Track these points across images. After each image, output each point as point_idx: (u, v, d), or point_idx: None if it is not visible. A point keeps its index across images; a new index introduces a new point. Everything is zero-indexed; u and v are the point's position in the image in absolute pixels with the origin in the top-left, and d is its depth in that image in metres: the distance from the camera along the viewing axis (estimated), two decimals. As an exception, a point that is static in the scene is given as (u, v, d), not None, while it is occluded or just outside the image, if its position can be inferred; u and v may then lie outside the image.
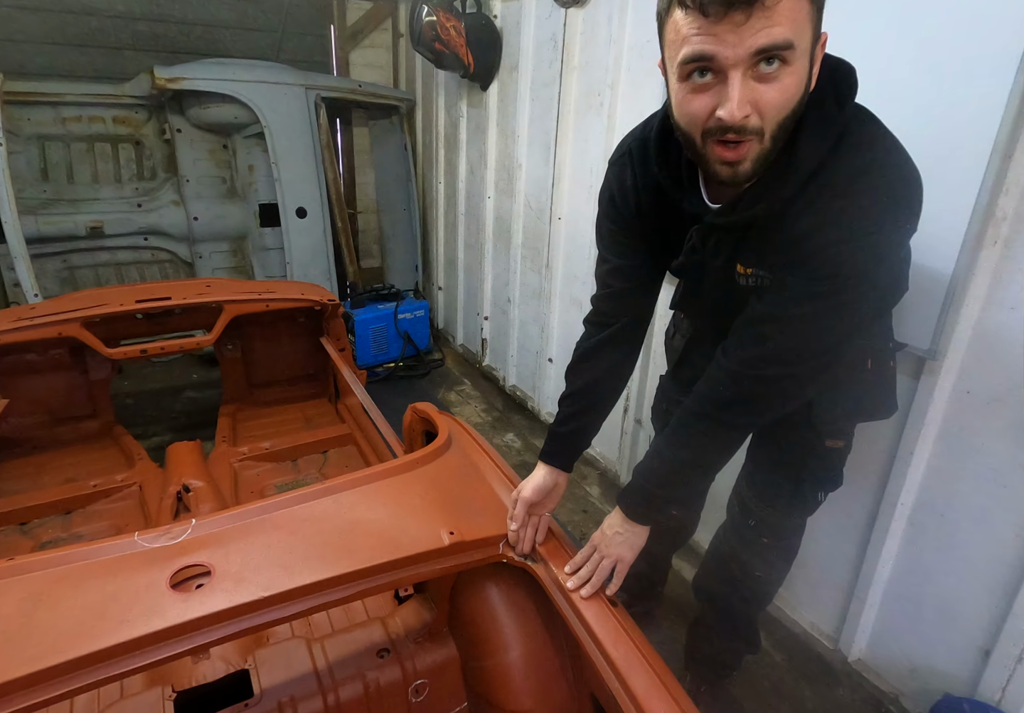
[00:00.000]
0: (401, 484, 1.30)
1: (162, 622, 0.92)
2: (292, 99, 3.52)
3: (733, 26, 0.71)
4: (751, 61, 0.74)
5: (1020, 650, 1.28)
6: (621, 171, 1.10)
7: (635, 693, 0.95)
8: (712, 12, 0.72)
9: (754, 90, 0.76)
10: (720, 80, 0.76)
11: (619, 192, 1.10)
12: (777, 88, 0.76)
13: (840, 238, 0.85)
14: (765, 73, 0.74)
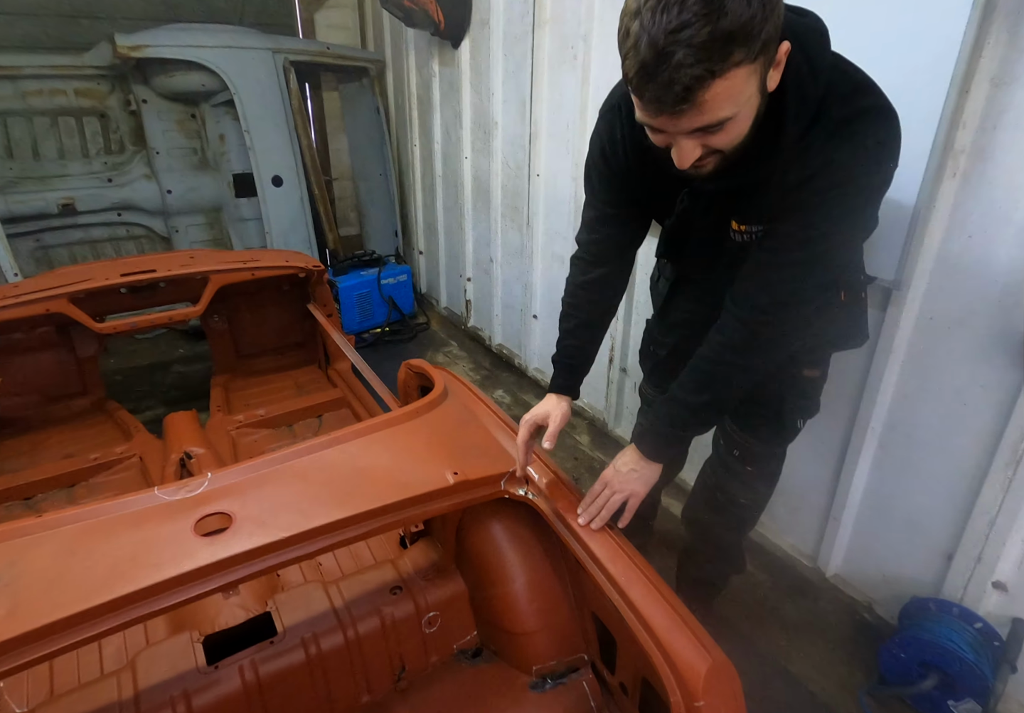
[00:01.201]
0: (403, 433, 1.37)
1: (192, 564, 0.98)
2: (260, 64, 3.44)
3: (670, 117, 0.79)
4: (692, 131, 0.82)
5: (979, 551, 1.41)
6: (611, 124, 1.11)
7: (634, 602, 1.04)
8: (647, 108, 0.80)
9: (702, 139, 0.84)
10: (670, 134, 0.85)
11: (609, 144, 1.12)
12: (724, 135, 0.83)
13: (831, 184, 0.90)
14: (710, 131, 0.82)
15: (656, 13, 0.71)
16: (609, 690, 1.31)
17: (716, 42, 0.70)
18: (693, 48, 0.70)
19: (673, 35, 0.70)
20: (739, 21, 0.70)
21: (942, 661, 1.36)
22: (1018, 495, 1.32)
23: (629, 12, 0.75)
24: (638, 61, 0.74)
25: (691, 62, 0.71)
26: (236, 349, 3.03)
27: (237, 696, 1.20)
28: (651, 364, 1.62)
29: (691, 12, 0.69)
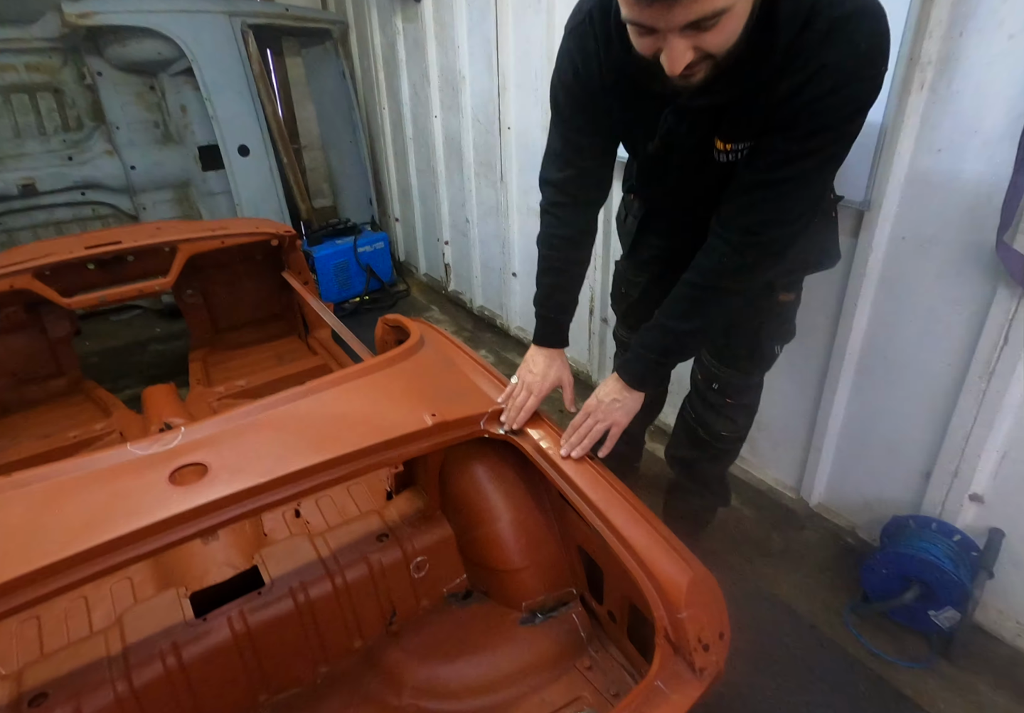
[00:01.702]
0: (380, 380, 1.36)
1: (168, 512, 0.97)
2: (216, 28, 3.31)
3: (662, 7, 0.72)
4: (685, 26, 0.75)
5: (955, 466, 1.43)
6: (582, 39, 1.02)
7: (615, 525, 1.05)
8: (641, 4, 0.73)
9: (694, 39, 0.77)
10: (655, 35, 0.78)
11: (582, 63, 1.03)
12: (717, 33, 0.77)
13: (824, 91, 0.86)
14: (703, 26, 0.75)
15: None
16: (598, 620, 1.33)
17: None
18: None
19: None
20: None
21: (922, 573, 1.39)
22: (992, 406, 1.34)
23: None
24: None
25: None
26: (213, 323, 2.99)
27: (227, 646, 1.20)
28: (624, 306, 1.59)
29: None
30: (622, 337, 1.67)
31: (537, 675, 1.26)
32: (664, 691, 0.91)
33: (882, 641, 1.48)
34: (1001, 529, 1.42)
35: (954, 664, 1.42)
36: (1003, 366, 1.32)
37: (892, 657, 1.45)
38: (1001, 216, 1.21)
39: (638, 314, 1.51)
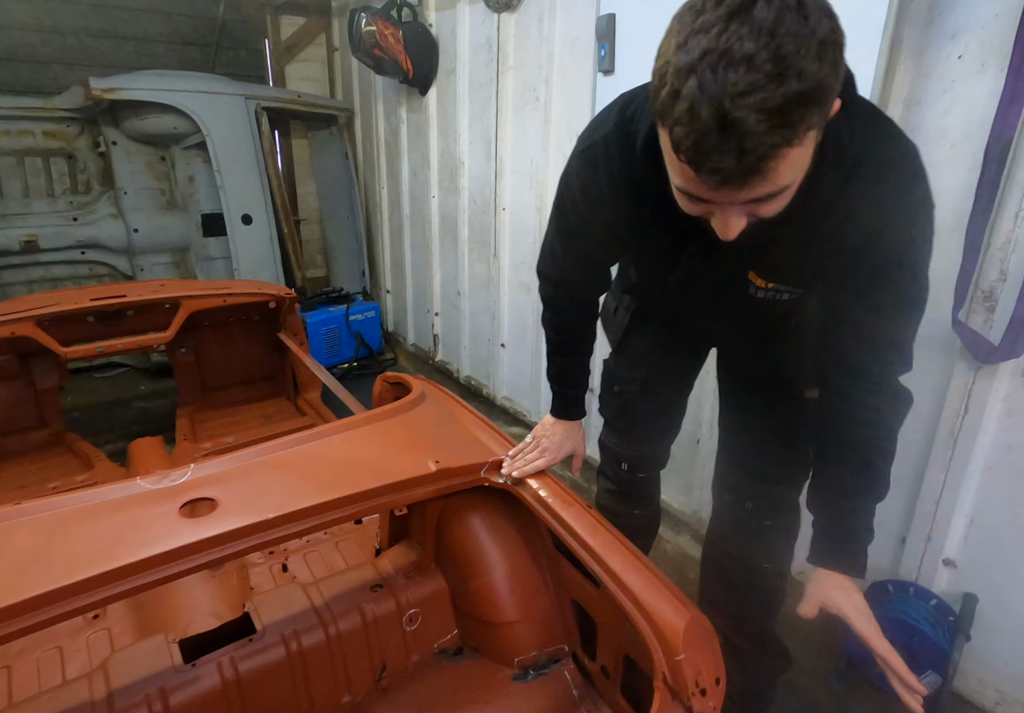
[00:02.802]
0: (384, 428, 1.41)
1: (179, 541, 0.99)
2: (233, 108, 3.58)
3: (728, 192, 0.69)
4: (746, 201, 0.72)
5: (928, 531, 1.50)
6: (592, 165, 0.99)
7: (613, 569, 1.08)
8: (704, 181, 0.68)
9: (751, 208, 0.74)
10: (709, 204, 0.75)
11: (593, 188, 1.01)
12: (776, 203, 0.74)
13: (902, 245, 0.86)
14: (763, 200, 0.72)
15: (718, 72, 0.60)
16: (590, 678, 1.33)
17: (791, 105, 0.60)
18: (766, 113, 0.60)
19: (741, 98, 0.59)
20: (813, 80, 0.60)
21: (903, 636, 1.42)
22: (957, 472, 1.44)
23: (678, 69, 0.62)
24: (696, 129, 0.62)
25: (764, 129, 0.61)
26: (203, 381, 3.02)
27: (216, 694, 1.17)
28: (617, 407, 1.46)
29: (761, 72, 0.59)
30: (611, 445, 1.52)
31: (529, 734, 1.24)
32: (664, 735, 0.92)
33: (869, 707, 1.49)
34: (975, 594, 1.48)
35: (940, 732, 1.43)
36: (965, 434, 1.43)
37: (879, 724, 1.45)
38: (955, 296, 1.36)
39: (632, 416, 1.44)
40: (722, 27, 0.60)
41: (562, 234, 1.15)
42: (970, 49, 1.36)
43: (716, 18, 0.61)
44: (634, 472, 1.50)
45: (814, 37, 0.60)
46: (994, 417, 1.39)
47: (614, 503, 1.55)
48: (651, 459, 1.50)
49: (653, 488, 1.58)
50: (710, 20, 0.61)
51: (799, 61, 0.59)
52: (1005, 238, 1.34)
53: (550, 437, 1.34)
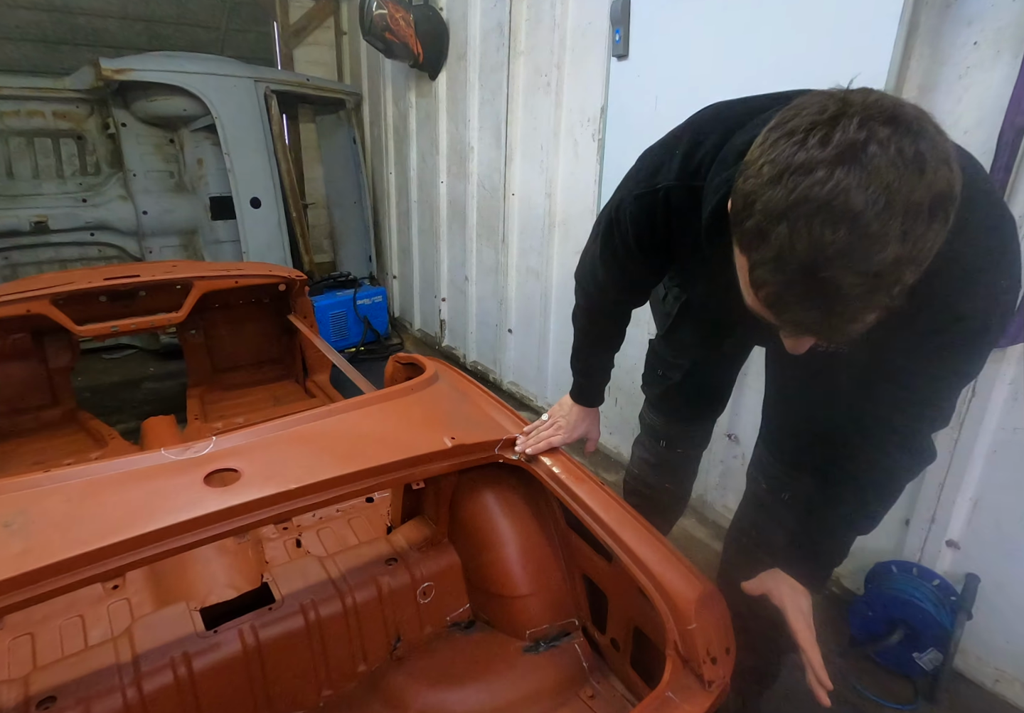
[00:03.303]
0: (400, 406, 1.43)
1: (205, 509, 1.01)
2: (242, 91, 3.57)
3: (801, 342, 0.66)
4: None
5: (932, 513, 1.53)
6: (649, 214, 0.95)
7: (627, 542, 1.11)
8: (783, 326, 0.64)
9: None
10: None
11: (647, 234, 0.98)
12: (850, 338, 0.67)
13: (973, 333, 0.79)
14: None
15: (814, 227, 0.53)
16: (600, 651, 1.36)
17: (890, 268, 0.54)
18: (862, 277, 0.54)
19: (837, 259, 0.53)
20: (917, 243, 0.54)
21: (906, 614, 1.46)
22: (963, 454, 1.46)
23: (768, 209, 0.55)
24: (781, 280, 0.57)
25: (858, 293, 0.55)
26: (212, 363, 3.04)
27: (237, 659, 1.20)
28: (660, 390, 1.44)
29: (863, 234, 0.52)
30: (651, 423, 1.51)
31: (541, 703, 1.28)
32: (675, 701, 0.95)
33: (870, 684, 1.52)
34: (977, 574, 1.51)
35: (938, 706, 1.46)
36: (971, 418, 1.45)
37: (880, 698, 1.48)
38: (964, 281, 1.38)
39: (677, 399, 1.43)
40: (826, 174, 0.52)
41: (607, 261, 1.11)
42: (986, 35, 1.36)
43: (822, 160, 0.53)
44: (673, 448, 1.51)
45: (928, 195, 0.52)
46: (1000, 401, 1.41)
47: (649, 474, 1.55)
48: (691, 437, 1.50)
49: (689, 466, 1.56)
50: (814, 160, 0.53)
51: (907, 222, 0.52)
52: (1017, 224, 1.35)
53: (566, 416, 1.36)
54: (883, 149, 0.52)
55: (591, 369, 1.35)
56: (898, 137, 0.52)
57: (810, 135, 0.54)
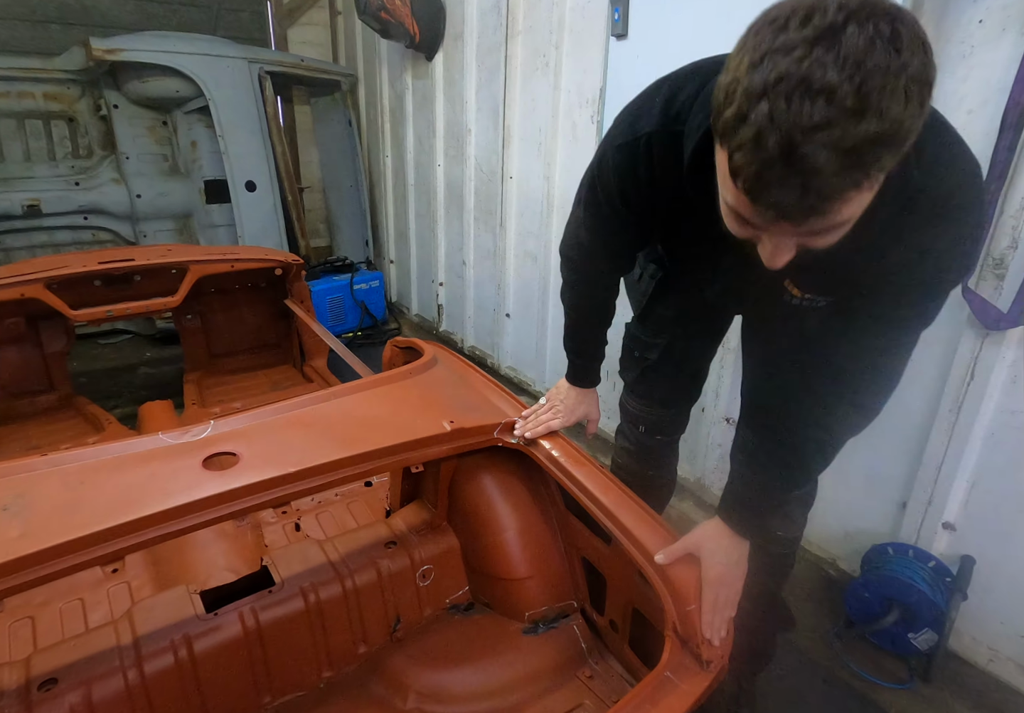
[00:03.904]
0: (398, 390, 1.43)
1: (204, 493, 1.01)
2: (236, 72, 3.51)
3: (786, 225, 0.65)
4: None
5: (929, 495, 1.54)
6: (631, 163, 0.94)
7: (626, 525, 1.11)
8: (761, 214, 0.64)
9: (804, 239, 0.69)
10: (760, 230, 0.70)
11: (631, 187, 0.96)
12: (830, 237, 0.68)
13: (937, 269, 0.82)
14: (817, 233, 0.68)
15: (793, 101, 0.55)
16: (599, 632, 1.37)
17: (867, 145, 0.55)
18: (839, 152, 0.55)
19: (814, 133, 0.55)
20: (895, 122, 0.55)
21: (902, 595, 1.47)
22: (961, 438, 1.46)
23: (748, 91, 0.57)
24: (760, 159, 0.58)
25: (834, 169, 0.56)
26: (209, 348, 3.03)
27: (238, 641, 1.21)
28: (637, 372, 1.44)
29: (839, 107, 0.54)
30: (630, 409, 1.52)
31: (539, 683, 1.29)
32: (673, 681, 0.96)
33: (866, 664, 1.54)
34: (972, 556, 1.52)
35: (933, 686, 1.48)
36: (970, 401, 1.45)
37: (876, 678, 1.50)
38: (965, 264, 1.37)
39: (653, 383, 1.44)
40: (805, 51, 0.55)
41: (591, 223, 1.11)
42: (992, 13, 1.34)
43: (800, 39, 0.55)
44: (652, 435, 1.51)
45: (903, 73, 0.54)
46: (999, 384, 1.41)
47: (631, 463, 1.56)
48: (669, 423, 1.50)
49: (670, 452, 1.58)
50: (793, 41, 0.55)
51: (883, 99, 0.54)
52: (1019, 205, 1.35)
53: (564, 400, 1.36)
54: (861, 29, 0.54)
55: (584, 347, 1.34)
56: (876, 19, 0.55)
57: (790, 20, 0.57)
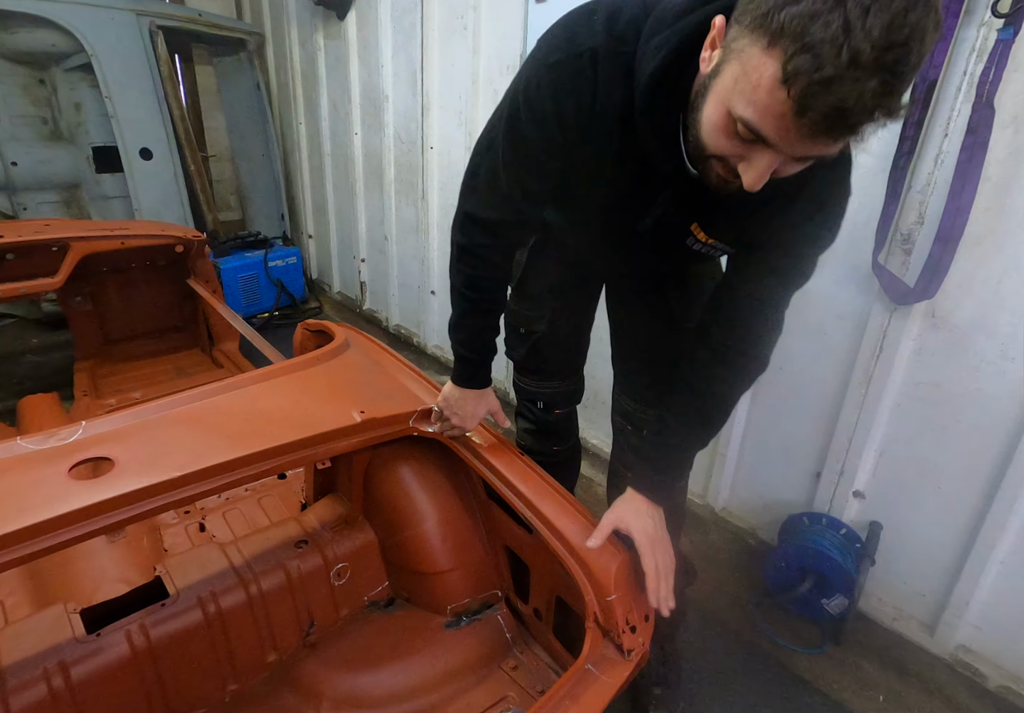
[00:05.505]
0: (304, 378, 1.32)
1: (67, 506, 0.89)
2: (122, 25, 3.17)
3: (813, 140, 0.61)
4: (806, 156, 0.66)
5: (841, 465, 1.59)
6: (570, 82, 0.81)
7: (546, 515, 1.07)
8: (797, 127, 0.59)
9: (784, 164, 0.67)
10: (758, 146, 0.65)
11: (572, 109, 0.83)
12: (800, 167, 0.69)
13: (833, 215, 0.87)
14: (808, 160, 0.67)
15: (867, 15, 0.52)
16: (523, 620, 1.34)
17: (908, 73, 0.55)
18: (894, 75, 0.54)
19: (881, 51, 0.53)
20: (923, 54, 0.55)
21: (816, 563, 1.51)
22: (871, 409, 1.50)
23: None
24: (828, 66, 0.53)
25: (886, 90, 0.54)
26: (103, 333, 2.77)
27: (125, 663, 1.10)
28: (525, 348, 1.39)
29: (901, 33, 0.52)
30: (526, 386, 1.47)
31: (462, 678, 1.24)
32: (594, 673, 0.94)
33: (783, 631, 1.59)
34: (879, 522, 1.58)
35: (843, 648, 1.54)
36: (879, 373, 1.49)
37: (792, 645, 1.55)
38: (875, 239, 1.39)
39: (541, 356, 1.40)
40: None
41: (512, 160, 0.93)
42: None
43: None
44: (550, 410, 1.48)
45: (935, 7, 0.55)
46: (906, 356, 1.44)
47: (534, 442, 1.53)
48: (564, 395, 1.48)
49: (570, 423, 1.56)
50: None
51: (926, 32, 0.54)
52: (925, 181, 1.36)
53: (460, 410, 1.19)
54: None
55: (477, 342, 1.16)
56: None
57: None
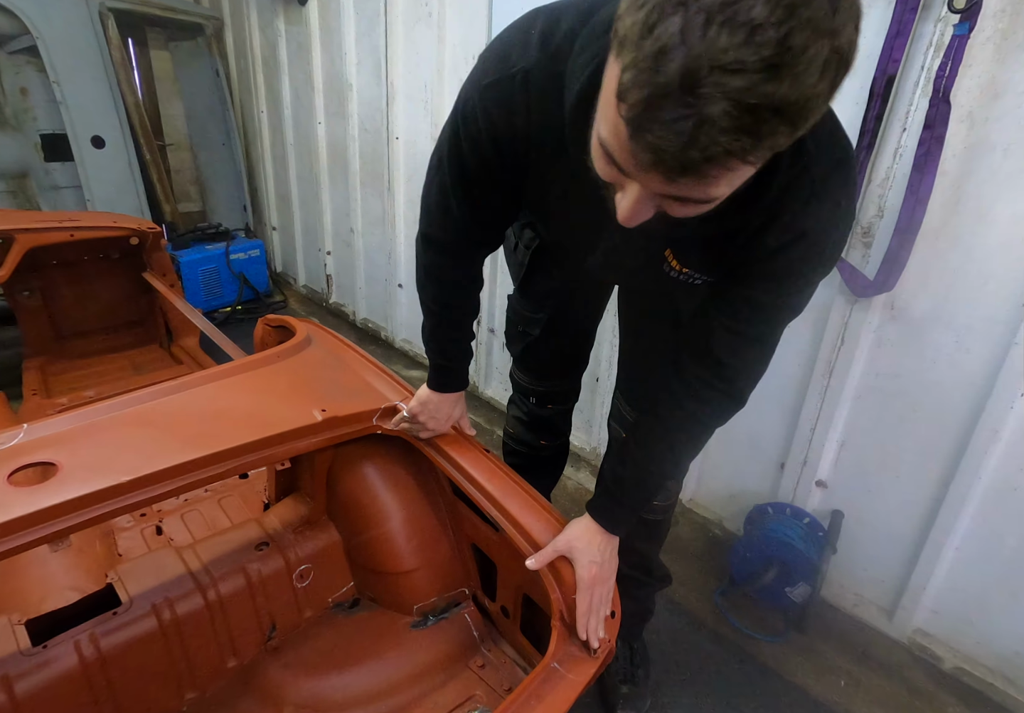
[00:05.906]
0: (264, 376, 1.28)
1: (6, 515, 0.85)
2: (69, 6, 3.03)
3: (657, 178, 0.54)
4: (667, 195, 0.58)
5: (804, 455, 1.61)
6: (505, 104, 0.80)
7: (512, 513, 1.06)
8: (636, 155, 0.53)
9: (664, 203, 0.60)
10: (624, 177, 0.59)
11: (506, 131, 0.82)
12: (693, 209, 0.60)
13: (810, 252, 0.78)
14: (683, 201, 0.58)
15: (712, 25, 0.44)
16: (491, 618, 1.33)
17: (768, 111, 0.47)
18: (739, 108, 0.46)
19: (720, 73, 0.45)
20: (802, 95, 0.47)
21: (779, 552, 1.54)
22: (832, 400, 1.52)
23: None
24: (655, 82, 0.47)
25: (727, 125, 0.47)
26: (55, 329, 2.66)
27: (74, 675, 1.05)
28: (522, 346, 1.40)
29: (756, 53, 0.44)
30: (519, 380, 1.48)
31: (430, 679, 1.23)
32: (560, 671, 0.93)
33: (748, 620, 1.61)
34: (841, 511, 1.61)
35: (806, 635, 1.57)
36: (840, 364, 1.51)
37: (756, 634, 1.57)
38: (837, 233, 1.40)
39: (538, 357, 1.40)
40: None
41: (458, 182, 0.93)
42: (862, -21, 1.34)
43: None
44: (543, 405, 1.47)
45: (831, 41, 0.46)
46: (866, 347, 1.47)
47: (522, 432, 1.51)
48: (559, 393, 1.46)
49: (562, 421, 1.54)
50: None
51: (800, 63, 0.45)
52: (884, 174, 1.38)
53: (433, 414, 1.18)
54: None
55: (451, 346, 1.16)
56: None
57: None
